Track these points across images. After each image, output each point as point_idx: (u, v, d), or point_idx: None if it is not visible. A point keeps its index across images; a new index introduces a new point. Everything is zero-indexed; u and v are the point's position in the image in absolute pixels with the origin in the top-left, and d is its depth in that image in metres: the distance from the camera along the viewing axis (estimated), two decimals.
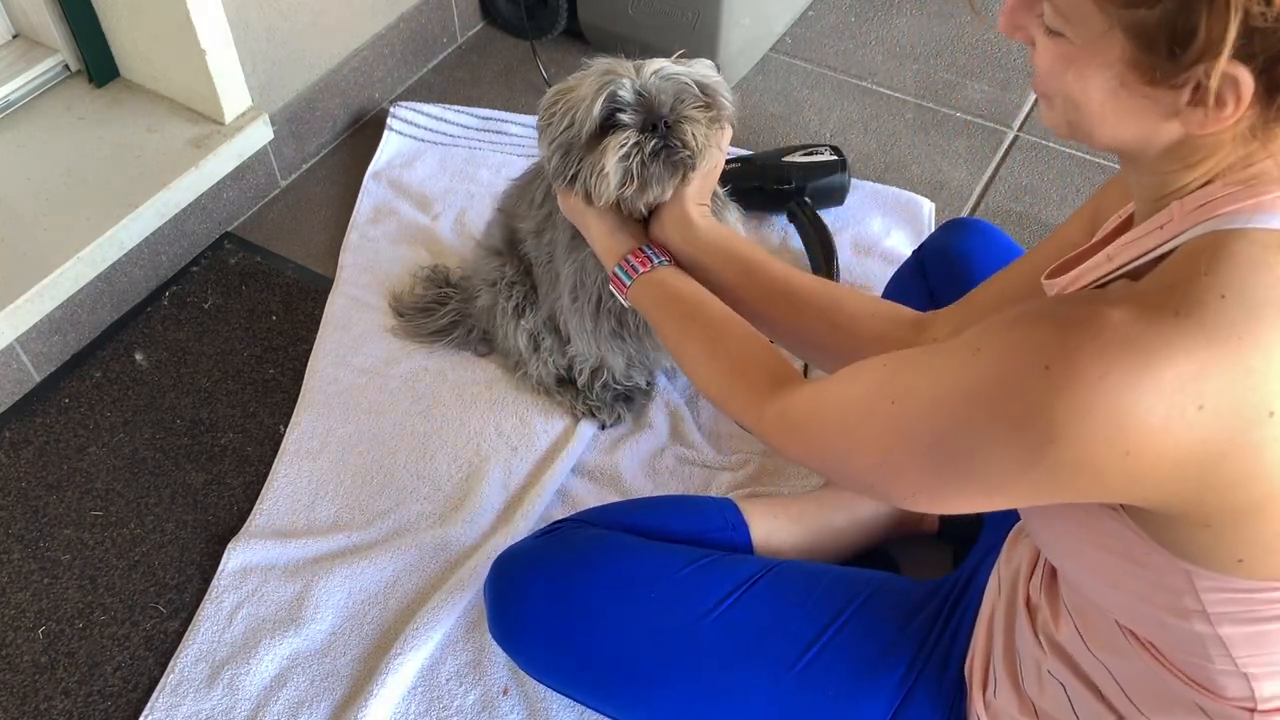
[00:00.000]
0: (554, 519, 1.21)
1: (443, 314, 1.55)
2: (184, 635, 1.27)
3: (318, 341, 1.58)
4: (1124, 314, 0.62)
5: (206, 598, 1.30)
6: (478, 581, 1.26)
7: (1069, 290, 0.77)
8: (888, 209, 1.76)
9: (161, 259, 1.67)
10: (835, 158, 1.72)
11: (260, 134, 1.70)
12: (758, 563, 1.06)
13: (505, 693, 1.21)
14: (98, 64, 1.69)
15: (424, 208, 1.78)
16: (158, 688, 1.22)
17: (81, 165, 1.59)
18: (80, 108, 1.68)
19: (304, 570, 1.31)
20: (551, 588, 1.05)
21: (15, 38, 1.69)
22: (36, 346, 1.52)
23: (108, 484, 1.43)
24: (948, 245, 1.29)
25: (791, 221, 1.71)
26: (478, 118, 1.94)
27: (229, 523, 1.38)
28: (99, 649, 1.27)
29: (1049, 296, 0.81)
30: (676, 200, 1.12)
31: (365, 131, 1.95)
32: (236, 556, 1.33)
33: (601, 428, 1.47)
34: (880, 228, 1.73)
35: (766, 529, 1.17)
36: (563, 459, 1.42)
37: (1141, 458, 0.62)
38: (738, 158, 1.76)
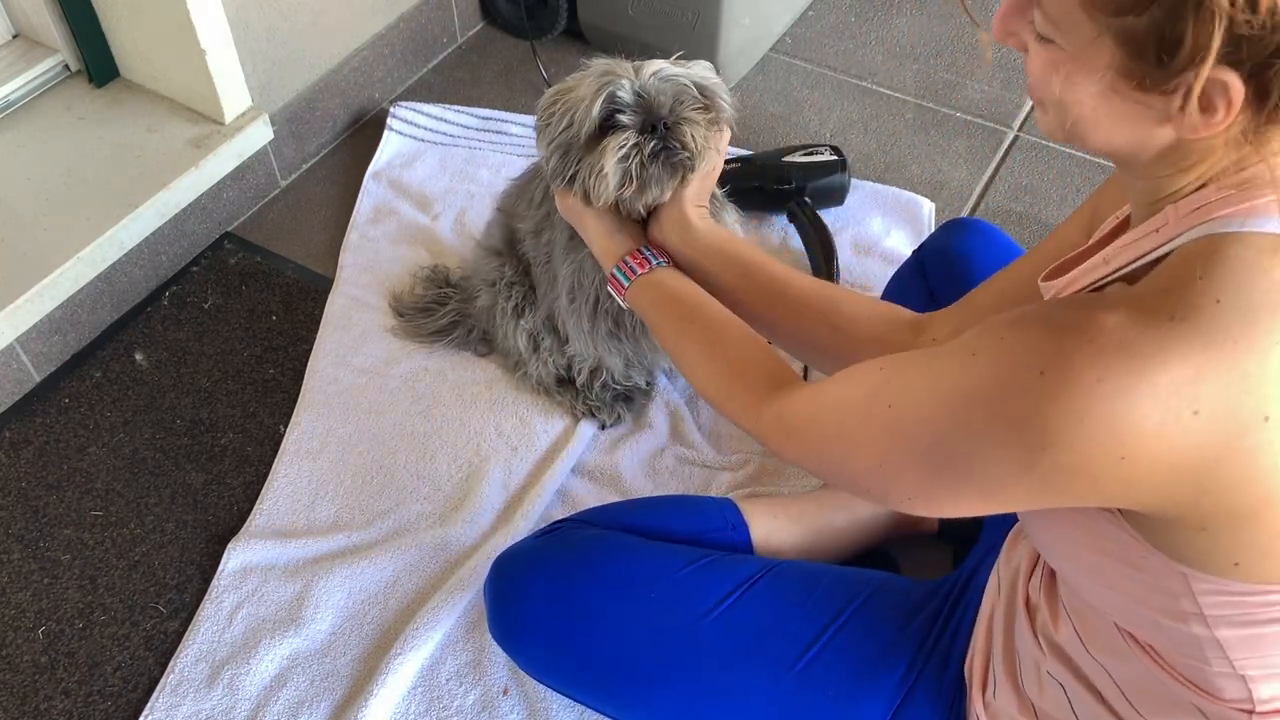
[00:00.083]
0: (554, 519, 1.21)
1: (443, 314, 1.55)
2: (184, 635, 1.27)
3: (318, 341, 1.58)
4: (1119, 319, 0.62)
5: (206, 598, 1.30)
6: (478, 581, 1.27)
7: (1065, 293, 0.77)
8: (888, 209, 1.76)
9: (161, 259, 1.67)
10: (835, 158, 1.72)
11: (260, 134, 1.70)
12: (757, 563, 1.06)
13: (505, 693, 1.21)
14: (98, 64, 1.69)
15: (424, 208, 1.78)
16: (158, 688, 1.23)
17: (81, 165, 1.59)
18: (80, 108, 1.68)
19: (304, 570, 1.32)
20: (551, 588, 1.05)
21: (15, 38, 1.69)
22: (36, 346, 1.52)
23: (108, 484, 1.43)
24: (948, 245, 1.29)
25: (791, 221, 1.71)
26: (478, 118, 1.94)
27: (229, 523, 1.38)
28: (99, 649, 1.27)
29: (1046, 299, 0.81)
30: (675, 202, 1.12)
31: (365, 131, 1.95)
32: (236, 556, 1.33)
33: (601, 428, 1.47)
34: (880, 228, 1.73)
35: (766, 529, 1.17)
36: (563, 459, 1.42)
37: (1137, 462, 0.62)
38: (738, 158, 1.76)
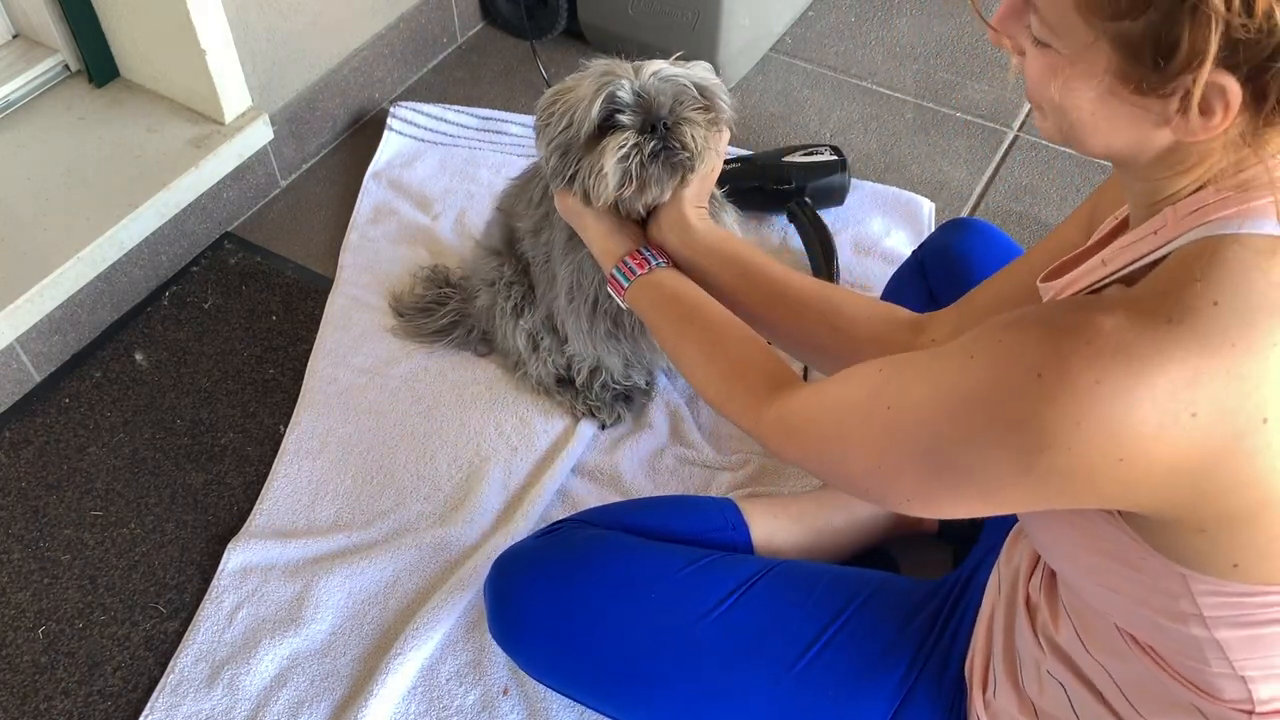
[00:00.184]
0: (554, 519, 1.21)
1: (443, 314, 1.55)
2: (184, 635, 1.27)
3: (318, 341, 1.58)
4: (1117, 321, 0.62)
5: (206, 598, 1.30)
6: (478, 581, 1.27)
7: (1064, 294, 0.77)
8: (888, 209, 1.76)
9: (161, 259, 1.67)
10: (835, 158, 1.72)
11: (260, 134, 1.70)
12: (758, 563, 1.06)
13: (505, 693, 1.21)
14: (98, 64, 1.69)
15: (424, 208, 1.78)
16: (158, 688, 1.23)
17: (81, 165, 1.59)
18: (80, 108, 1.68)
19: (304, 570, 1.32)
20: (552, 588, 1.05)
21: (15, 38, 1.69)
22: (36, 346, 1.52)
23: (108, 484, 1.43)
24: (948, 245, 1.29)
25: (791, 221, 1.71)
26: (478, 118, 1.94)
27: (229, 523, 1.38)
28: (99, 649, 1.27)
29: (1044, 301, 0.81)
30: (674, 202, 1.12)
31: (365, 131, 1.95)
32: (236, 556, 1.33)
33: (601, 428, 1.47)
34: (880, 228, 1.73)
35: (767, 529, 1.17)
36: (563, 459, 1.42)
37: (1135, 465, 0.62)
38: (738, 158, 1.76)
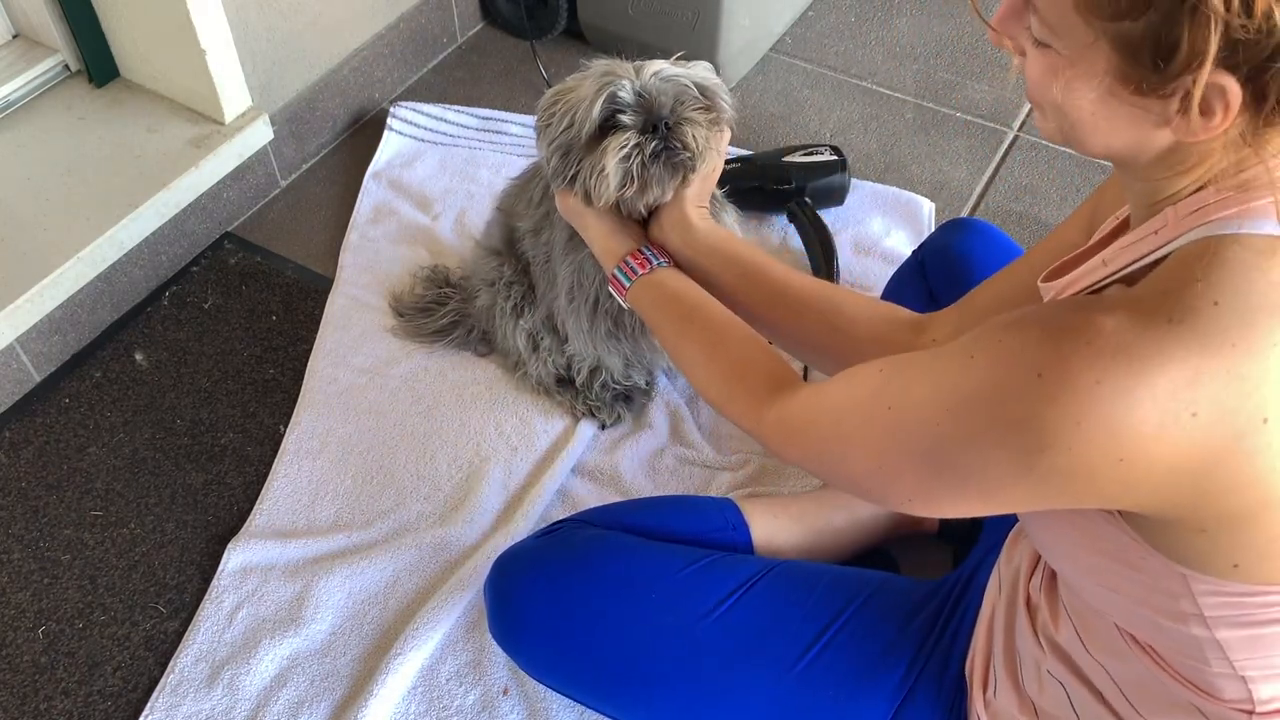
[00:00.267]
0: (554, 519, 1.21)
1: (443, 314, 1.55)
2: (184, 635, 1.27)
3: (318, 341, 1.58)
4: (1117, 321, 0.62)
5: (206, 598, 1.30)
6: (478, 581, 1.27)
7: (1065, 294, 0.77)
8: (888, 209, 1.76)
9: (161, 259, 1.67)
10: (835, 158, 1.72)
11: (260, 134, 1.70)
12: (758, 563, 1.06)
13: (505, 693, 1.21)
14: (98, 64, 1.69)
15: (424, 208, 1.78)
16: (158, 688, 1.23)
17: (81, 165, 1.59)
18: (80, 108, 1.68)
19: (304, 570, 1.32)
20: (552, 588, 1.05)
21: (15, 38, 1.69)
22: (36, 346, 1.52)
23: (108, 484, 1.43)
24: (948, 245, 1.29)
25: (791, 221, 1.71)
26: (478, 118, 1.94)
27: (229, 523, 1.38)
28: (99, 649, 1.27)
29: (1045, 301, 0.81)
30: (676, 202, 1.12)
31: (365, 131, 1.95)
32: (236, 556, 1.33)
33: (601, 428, 1.47)
34: (880, 228, 1.73)
35: (768, 529, 1.17)
36: (563, 459, 1.42)
37: (1135, 464, 0.62)
38: (738, 158, 1.76)
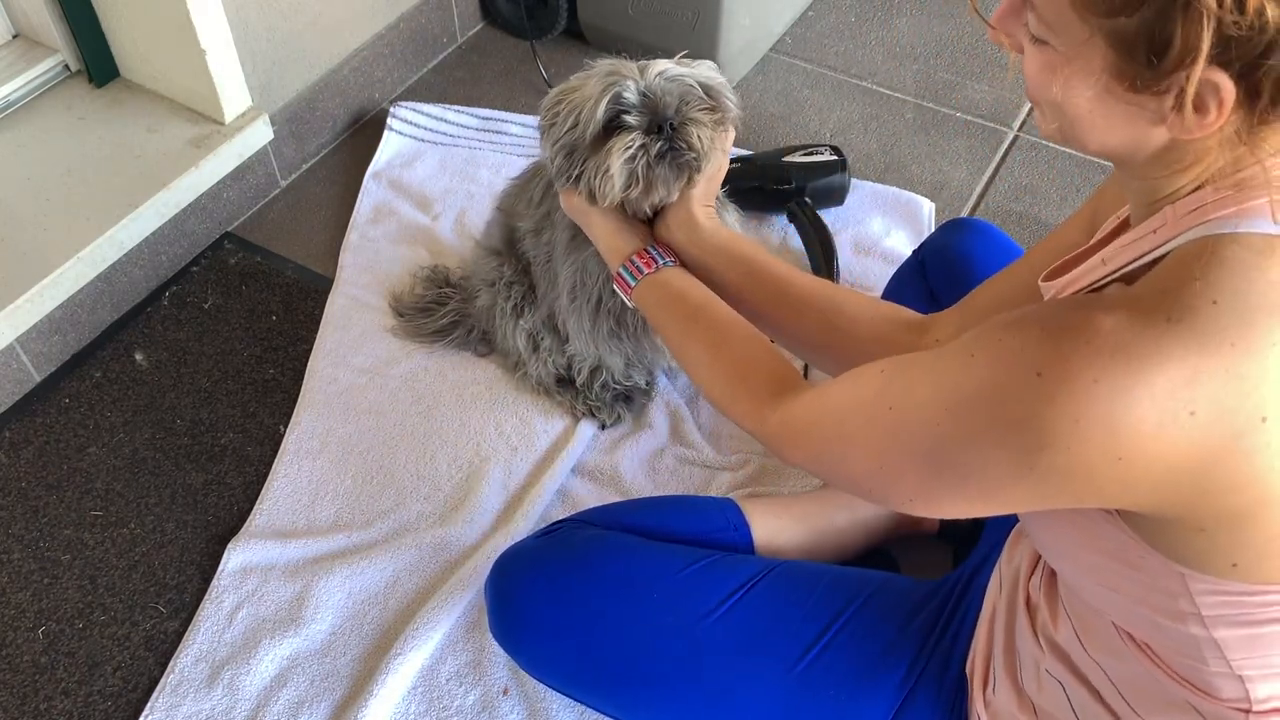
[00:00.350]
0: (554, 519, 1.21)
1: (443, 314, 1.55)
2: (184, 635, 1.27)
3: (318, 341, 1.58)
4: (1116, 320, 0.62)
5: (206, 598, 1.30)
6: (478, 581, 1.27)
7: (1065, 293, 0.77)
8: (888, 209, 1.76)
9: (161, 259, 1.67)
10: (835, 158, 1.72)
11: (260, 134, 1.70)
12: (758, 563, 1.06)
13: (505, 693, 1.21)
14: (98, 64, 1.69)
15: (424, 208, 1.78)
16: (158, 688, 1.23)
17: (81, 165, 1.59)
18: (80, 108, 1.68)
19: (304, 570, 1.32)
20: (552, 587, 1.05)
21: (15, 38, 1.69)
22: (36, 346, 1.52)
23: (108, 484, 1.43)
24: (948, 245, 1.29)
25: (791, 221, 1.71)
26: (478, 118, 1.94)
27: (229, 523, 1.38)
28: (99, 649, 1.27)
29: (1044, 300, 0.81)
30: (683, 201, 1.12)
31: (365, 131, 1.95)
32: (236, 556, 1.33)
33: (601, 428, 1.47)
34: (880, 228, 1.73)
35: (769, 529, 1.17)
36: (563, 459, 1.42)
37: (1134, 463, 0.62)
38: (738, 158, 1.76)
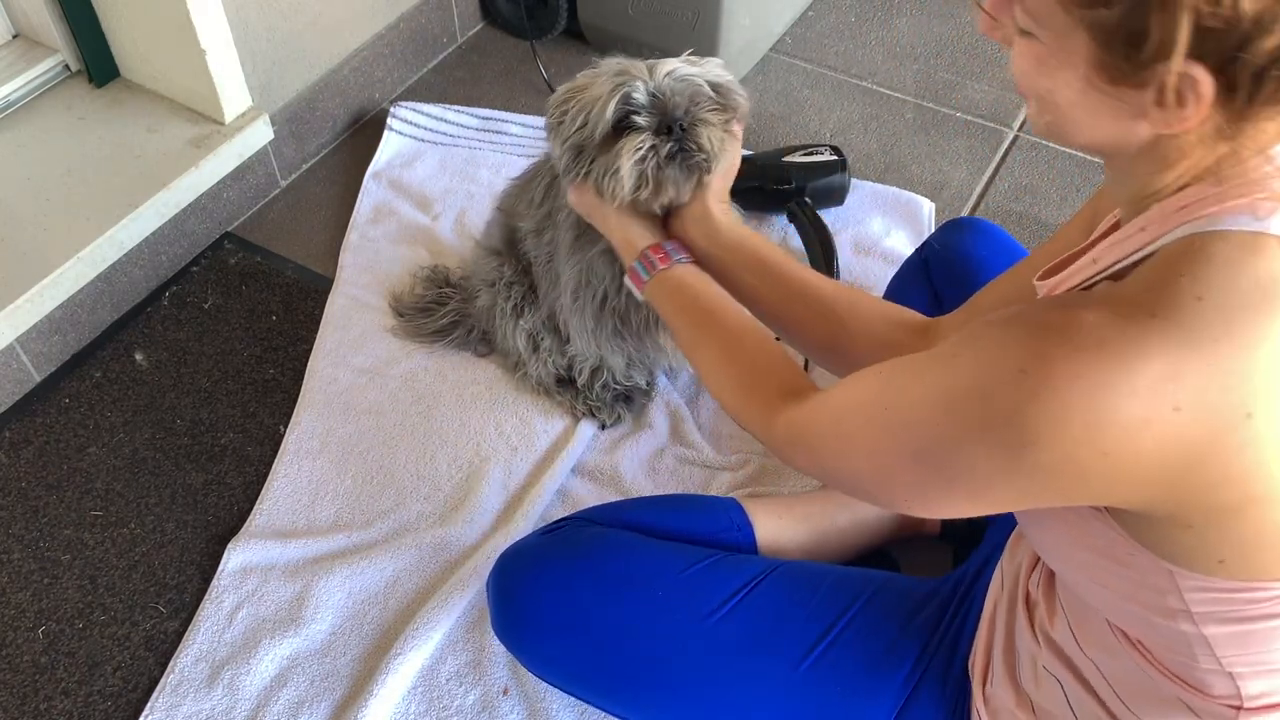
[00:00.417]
0: (554, 519, 1.21)
1: (443, 314, 1.55)
2: (184, 635, 1.27)
3: (318, 341, 1.58)
4: (1098, 316, 0.62)
5: (206, 598, 1.30)
6: (478, 581, 1.26)
7: (1055, 292, 0.78)
8: (888, 209, 1.76)
9: (161, 259, 1.67)
10: (835, 158, 1.72)
11: (260, 134, 1.70)
12: (761, 563, 1.06)
13: (505, 693, 1.21)
14: (98, 64, 1.69)
15: (424, 208, 1.78)
16: (158, 688, 1.22)
17: (81, 165, 1.59)
18: (80, 108, 1.68)
19: (304, 570, 1.31)
20: (555, 585, 1.05)
21: (15, 38, 1.69)
22: (36, 346, 1.52)
23: (108, 484, 1.43)
24: (950, 245, 1.29)
25: (791, 221, 1.71)
26: (478, 118, 1.94)
27: (229, 523, 1.38)
28: (99, 649, 1.27)
29: (1034, 299, 0.81)
30: (699, 197, 1.12)
31: (365, 131, 1.95)
32: (236, 556, 1.33)
33: (602, 428, 1.47)
34: (880, 228, 1.73)
35: (772, 529, 1.17)
36: (563, 459, 1.42)
37: (1120, 459, 0.62)
38: None
